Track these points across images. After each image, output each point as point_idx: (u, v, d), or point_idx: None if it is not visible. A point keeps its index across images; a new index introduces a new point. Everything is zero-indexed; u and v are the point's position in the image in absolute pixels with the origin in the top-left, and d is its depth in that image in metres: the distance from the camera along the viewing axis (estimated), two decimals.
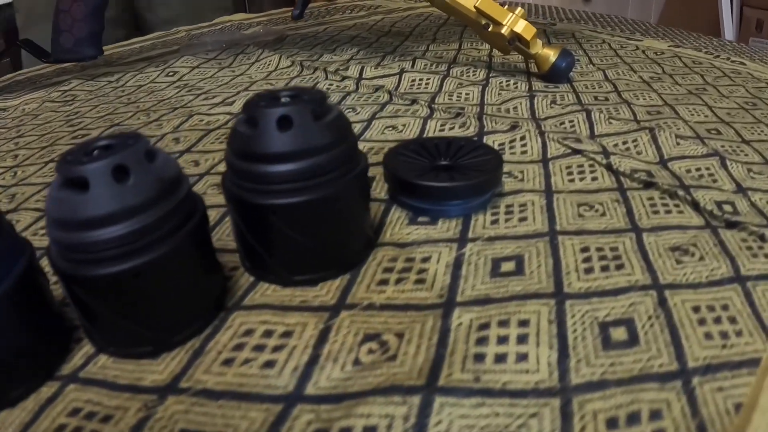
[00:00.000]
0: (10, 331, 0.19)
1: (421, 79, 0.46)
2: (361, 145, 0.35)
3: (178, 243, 0.20)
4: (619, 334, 0.20)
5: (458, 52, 0.56)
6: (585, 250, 0.25)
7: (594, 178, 0.31)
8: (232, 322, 0.22)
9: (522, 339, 0.20)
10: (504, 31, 0.45)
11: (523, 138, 0.34)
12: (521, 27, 0.46)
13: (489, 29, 0.46)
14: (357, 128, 0.37)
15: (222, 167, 0.34)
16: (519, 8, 0.46)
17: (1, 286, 0.18)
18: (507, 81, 0.47)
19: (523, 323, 0.21)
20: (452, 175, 0.28)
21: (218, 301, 0.23)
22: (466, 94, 0.43)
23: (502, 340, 0.20)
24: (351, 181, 0.23)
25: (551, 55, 0.46)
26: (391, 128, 0.37)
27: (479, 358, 0.20)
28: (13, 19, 0.85)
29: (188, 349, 0.21)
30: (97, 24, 0.56)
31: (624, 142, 0.35)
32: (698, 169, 0.33)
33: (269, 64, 0.55)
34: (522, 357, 0.20)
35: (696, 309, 0.22)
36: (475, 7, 0.46)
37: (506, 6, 0.46)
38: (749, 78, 0.53)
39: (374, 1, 0.92)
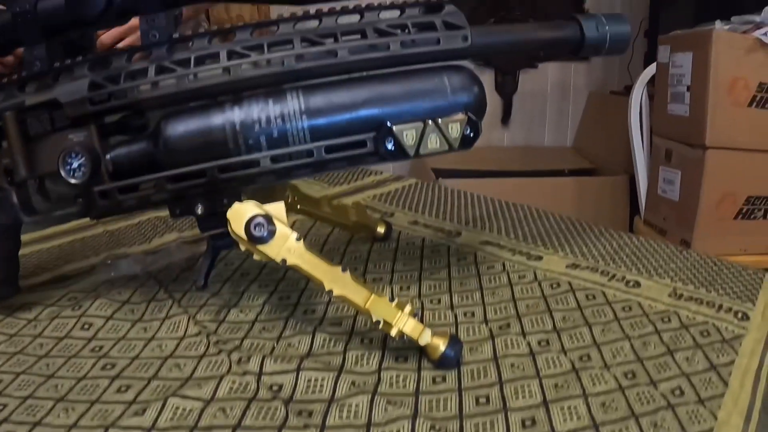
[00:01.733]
0: None
1: (316, 380, 0.49)
2: None
3: None
4: None
5: (356, 319, 0.59)
6: None
7: None
8: None
9: None
10: (393, 333, 0.49)
11: None
12: (410, 327, 0.49)
13: (379, 327, 0.50)
14: None
15: None
16: (408, 306, 0.50)
17: None
18: (397, 376, 0.50)
19: None
20: None
21: None
22: (356, 406, 0.46)
23: None
24: None
25: (440, 345, 0.50)
26: None
27: None
28: None
29: None
30: (13, 266, 0.61)
31: None
32: None
33: (178, 327, 0.58)
34: None
35: None
36: (365, 308, 0.49)
37: (396, 301, 0.50)
38: (638, 317, 0.58)
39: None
